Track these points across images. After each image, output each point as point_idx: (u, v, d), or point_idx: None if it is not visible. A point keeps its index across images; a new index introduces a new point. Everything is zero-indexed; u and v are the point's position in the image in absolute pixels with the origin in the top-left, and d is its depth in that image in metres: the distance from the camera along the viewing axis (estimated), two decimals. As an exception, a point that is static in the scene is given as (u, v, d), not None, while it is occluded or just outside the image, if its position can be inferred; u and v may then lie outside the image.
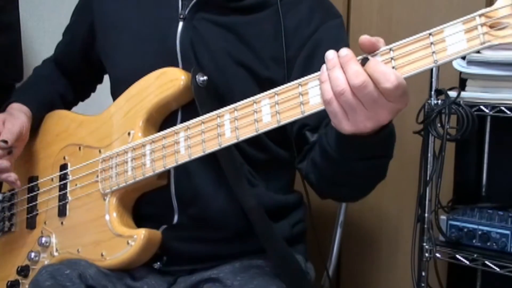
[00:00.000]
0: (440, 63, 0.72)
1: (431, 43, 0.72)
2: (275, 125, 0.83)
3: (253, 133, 0.85)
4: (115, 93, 1.10)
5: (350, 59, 0.72)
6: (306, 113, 0.81)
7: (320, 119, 0.97)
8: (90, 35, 1.18)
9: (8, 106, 1.17)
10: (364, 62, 0.73)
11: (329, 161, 0.89)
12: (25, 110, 1.16)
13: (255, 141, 1.00)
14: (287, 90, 0.82)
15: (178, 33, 1.02)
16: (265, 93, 0.84)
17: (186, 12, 1.03)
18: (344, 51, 0.74)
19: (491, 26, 0.68)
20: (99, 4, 1.15)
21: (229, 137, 0.87)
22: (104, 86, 1.29)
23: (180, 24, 1.03)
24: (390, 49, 0.74)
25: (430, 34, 0.72)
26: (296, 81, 0.81)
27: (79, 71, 1.28)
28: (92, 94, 1.38)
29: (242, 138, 0.86)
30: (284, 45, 1.01)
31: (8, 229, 1.19)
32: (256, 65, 1.01)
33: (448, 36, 0.71)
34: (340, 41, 1.04)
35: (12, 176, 1.08)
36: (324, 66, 0.76)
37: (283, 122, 0.83)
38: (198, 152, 0.91)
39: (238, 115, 0.86)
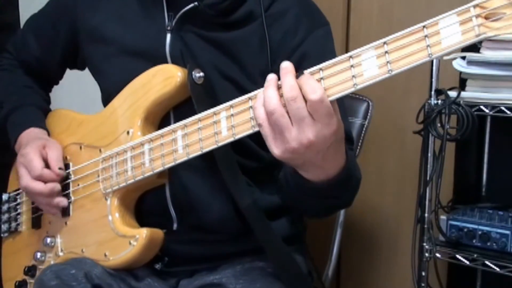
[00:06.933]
0: (435, 57, 0.70)
1: (426, 36, 0.70)
2: None
3: (250, 131, 0.83)
4: (108, 103, 1.10)
5: (288, 73, 0.76)
6: None
7: None
8: (72, 45, 1.17)
9: (23, 134, 1.14)
10: (299, 75, 0.76)
11: (280, 187, 0.97)
12: (43, 132, 1.16)
13: (247, 152, 1.01)
14: None
15: (167, 45, 1.02)
16: (261, 89, 0.82)
17: (173, 24, 1.02)
18: (285, 63, 0.77)
19: (486, 17, 0.67)
20: (83, 16, 1.13)
21: (226, 136, 0.86)
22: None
23: (168, 35, 1.03)
24: (384, 43, 0.73)
25: (424, 26, 0.71)
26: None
27: (52, 75, 1.28)
28: (92, 95, 1.38)
29: (238, 136, 0.85)
30: (270, 59, 1.01)
31: (15, 229, 1.19)
32: (244, 80, 1.01)
33: (443, 29, 0.69)
34: (327, 52, 1.04)
35: (65, 201, 1.08)
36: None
37: None
38: (196, 151, 0.91)
39: (234, 112, 0.85)
